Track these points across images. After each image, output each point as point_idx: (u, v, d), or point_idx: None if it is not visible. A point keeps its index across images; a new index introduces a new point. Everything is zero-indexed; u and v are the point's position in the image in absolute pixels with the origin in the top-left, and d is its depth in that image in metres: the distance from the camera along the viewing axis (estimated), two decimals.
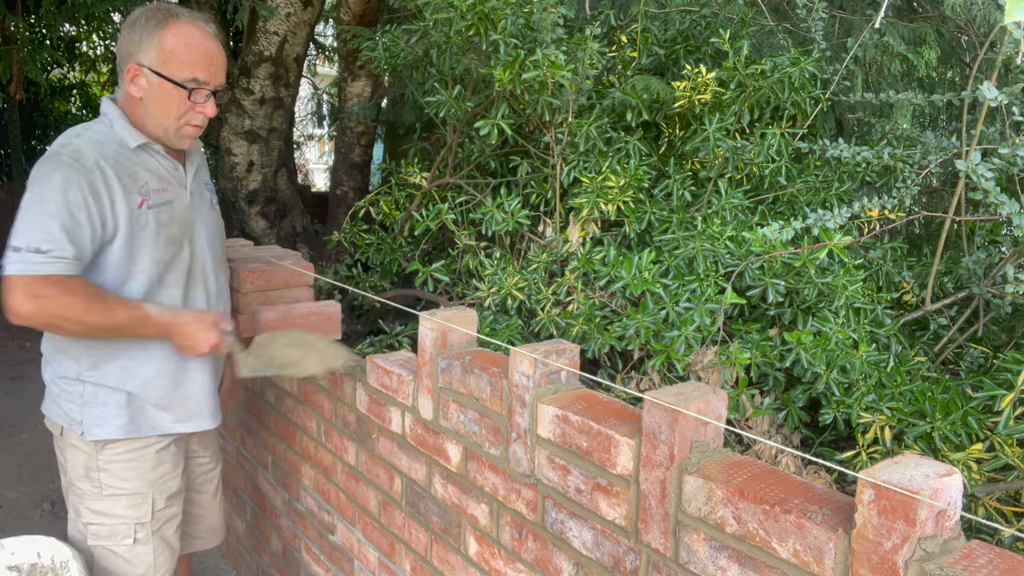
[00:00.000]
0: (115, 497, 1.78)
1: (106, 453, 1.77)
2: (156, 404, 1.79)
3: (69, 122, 9.62)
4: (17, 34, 4.65)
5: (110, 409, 1.74)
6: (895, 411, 1.67)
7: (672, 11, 2.71)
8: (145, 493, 1.81)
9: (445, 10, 2.29)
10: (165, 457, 1.84)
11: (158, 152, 1.74)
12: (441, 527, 1.65)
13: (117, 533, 1.80)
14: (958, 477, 0.90)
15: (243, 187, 4.17)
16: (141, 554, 1.82)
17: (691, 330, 1.83)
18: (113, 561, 1.82)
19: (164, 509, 1.85)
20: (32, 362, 5.13)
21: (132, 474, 1.79)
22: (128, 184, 1.66)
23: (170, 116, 1.69)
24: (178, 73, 1.66)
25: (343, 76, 4.28)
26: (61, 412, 1.77)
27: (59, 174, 1.57)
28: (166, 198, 1.73)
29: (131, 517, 1.80)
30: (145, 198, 1.68)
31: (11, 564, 1.73)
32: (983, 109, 1.77)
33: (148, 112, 1.69)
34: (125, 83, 1.69)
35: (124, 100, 1.72)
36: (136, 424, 1.77)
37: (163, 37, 1.64)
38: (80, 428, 1.74)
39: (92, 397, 1.74)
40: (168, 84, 1.66)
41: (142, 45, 1.65)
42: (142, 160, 1.71)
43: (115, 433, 1.75)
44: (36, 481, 3.46)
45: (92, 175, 1.60)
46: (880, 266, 2.20)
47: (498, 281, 2.22)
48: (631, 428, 1.21)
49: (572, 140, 2.31)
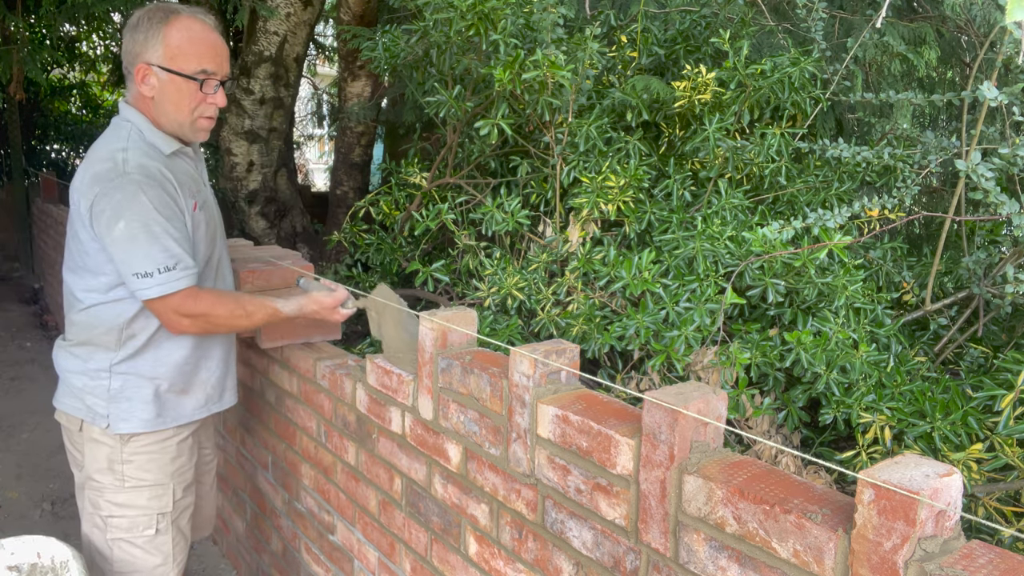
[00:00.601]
0: (137, 489, 1.82)
1: (131, 445, 1.80)
2: (180, 391, 1.84)
3: (69, 122, 9.61)
4: (17, 34, 4.65)
5: (135, 404, 1.78)
6: (895, 411, 1.67)
7: (672, 11, 2.71)
8: (166, 484, 1.85)
9: (445, 10, 2.29)
10: (183, 449, 1.89)
11: (186, 155, 1.81)
12: (441, 527, 1.65)
13: (138, 524, 1.84)
14: (958, 477, 0.90)
15: (243, 187, 4.17)
16: (161, 544, 1.86)
17: (691, 330, 1.83)
18: (133, 553, 1.85)
19: (182, 499, 1.91)
20: (32, 362, 5.13)
21: (154, 466, 1.83)
22: (183, 189, 1.73)
23: (184, 110, 1.73)
24: (187, 66, 1.70)
25: (343, 76, 4.28)
26: (82, 406, 1.79)
27: (143, 195, 1.62)
28: (203, 198, 1.82)
29: (153, 508, 1.84)
30: (196, 200, 1.77)
31: (11, 564, 1.73)
32: (983, 109, 1.77)
33: (162, 110, 1.73)
34: (136, 84, 1.72)
35: (137, 102, 1.75)
36: (162, 417, 1.82)
37: (167, 34, 1.68)
38: (105, 422, 1.77)
39: (119, 392, 1.77)
40: (179, 79, 1.70)
41: (148, 44, 1.69)
42: (178, 165, 1.76)
43: (139, 427, 1.79)
44: (36, 481, 3.46)
45: (166, 186, 1.67)
46: (880, 266, 2.20)
47: (498, 281, 2.22)
48: (631, 428, 1.21)
49: (572, 140, 2.31)
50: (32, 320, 6.26)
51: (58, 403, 1.85)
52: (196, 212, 1.76)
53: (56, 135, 9.50)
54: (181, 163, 1.79)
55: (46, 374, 4.85)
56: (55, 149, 9.64)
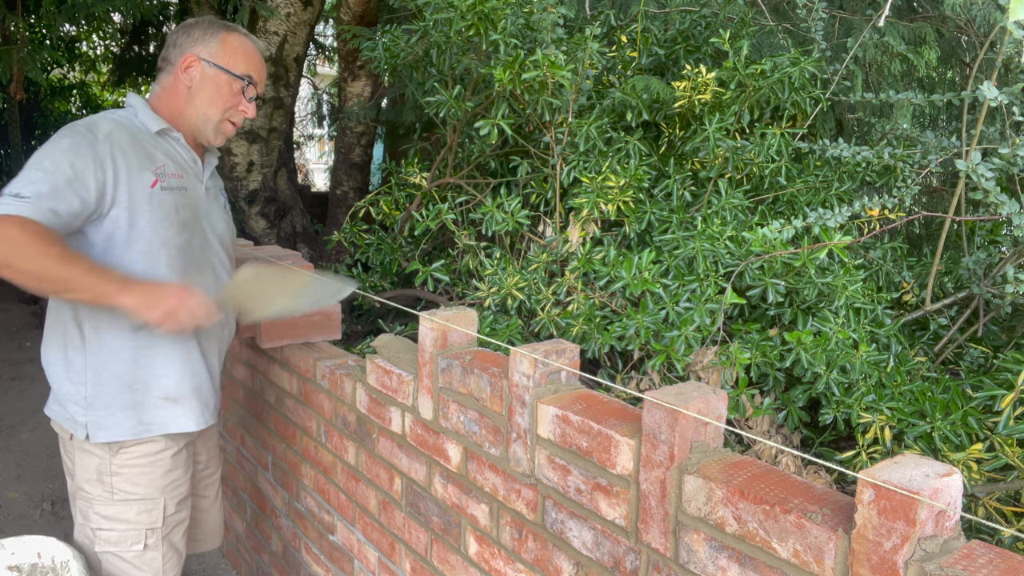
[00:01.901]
0: (127, 503, 1.76)
1: (120, 457, 1.74)
2: (168, 397, 1.75)
3: (69, 122, 9.62)
4: (17, 34, 4.65)
5: (115, 412, 1.70)
6: (895, 411, 1.67)
7: (672, 11, 2.71)
8: (156, 499, 1.79)
9: (445, 10, 2.30)
10: (178, 462, 1.82)
11: (178, 140, 1.79)
12: (441, 527, 1.65)
13: (127, 539, 1.78)
14: (958, 477, 0.90)
15: (243, 187, 4.17)
16: (150, 560, 1.81)
17: (691, 330, 1.83)
18: (121, 567, 1.80)
19: (174, 514, 1.84)
20: (32, 362, 5.13)
21: (145, 479, 1.77)
22: (142, 162, 1.68)
23: (217, 107, 1.77)
24: (235, 67, 1.78)
25: (343, 76, 4.28)
26: (67, 415, 1.73)
27: (67, 140, 1.62)
28: (181, 184, 1.76)
29: (142, 523, 1.78)
30: (160, 179, 1.71)
31: (11, 564, 1.73)
32: (983, 109, 1.77)
33: (194, 101, 1.76)
34: (175, 73, 1.76)
35: (161, 92, 1.79)
36: (145, 425, 1.74)
37: (225, 38, 1.79)
38: (84, 431, 1.70)
39: (94, 397, 1.69)
40: (224, 75, 1.76)
41: (203, 40, 1.76)
42: (160, 145, 1.75)
43: (120, 435, 1.71)
44: (36, 481, 3.46)
45: (98, 146, 1.63)
46: (880, 266, 2.20)
47: (498, 281, 2.22)
48: (631, 428, 1.21)
49: (572, 140, 2.31)
50: (32, 320, 6.25)
51: (49, 411, 1.79)
52: (155, 190, 1.67)
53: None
54: (167, 144, 1.76)
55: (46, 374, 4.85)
56: None
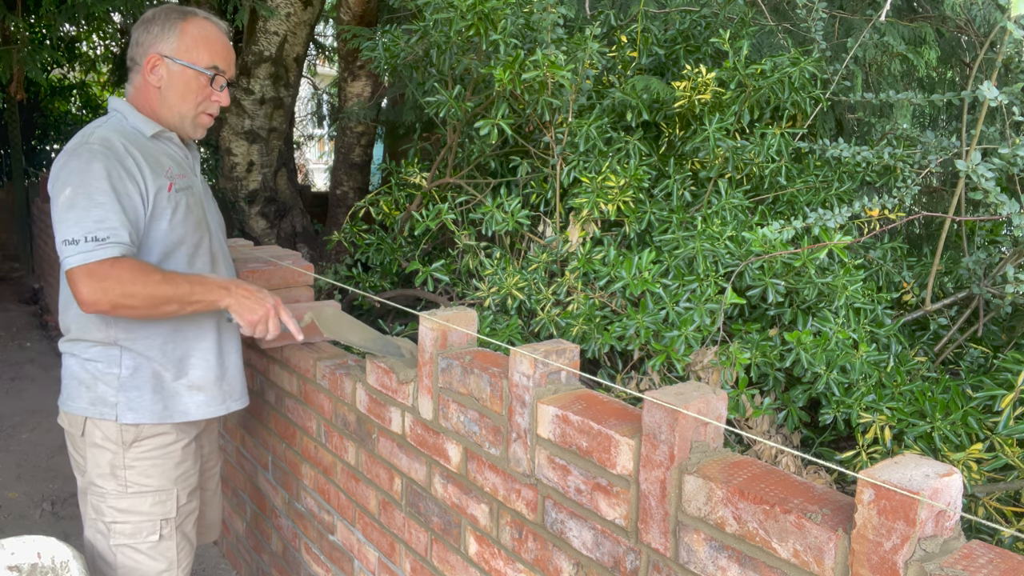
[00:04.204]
0: (141, 495, 1.80)
1: (133, 451, 1.78)
2: (193, 385, 1.81)
3: (69, 122, 9.61)
4: (17, 34, 4.65)
5: (144, 394, 1.75)
6: (895, 411, 1.67)
7: (672, 11, 2.71)
8: (170, 490, 1.83)
9: (445, 10, 2.30)
10: (188, 453, 1.87)
11: (172, 140, 1.81)
12: (441, 527, 1.65)
13: (142, 530, 1.82)
14: (958, 477, 0.90)
15: (243, 187, 4.17)
16: (165, 550, 1.85)
17: (691, 330, 1.83)
18: (137, 559, 1.83)
19: (186, 504, 1.89)
20: (32, 362, 5.13)
21: (157, 471, 1.81)
22: (155, 168, 1.71)
23: (189, 103, 1.77)
24: (200, 60, 1.75)
25: (343, 76, 4.28)
26: (87, 401, 1.75)
27: (97, 163, 1.61)
28: (186, 183, 1.80)
29: (156, 514, 1.82)
30: (172, 181, 1.74)
31: (11, 564, 1.73)
32: (983, 109, 1.77)
33: (166, 101, 1.76)
34: (143, 74, 1.75)
35: (136, 93, 1.78)
36: (169, 411, 1.79)
37: (184, 29, 1.74)
38: (113, 412, 1.74)
39: (128, 378, 1.74)
40: (190, 71, 1.74)
41: (163, 37, 1.73)
42: (159, 148, 1.77)
43: (147, 418, 1.75)
44: (36, 481, 3.46)
45: (126, 160, 1.65)
46: (880, 266, 2.20)
47: (498, 281, 2.22)
48: (631, 428, 1.21)
49: (572, 140, 2.31)
50: (32, 320, 6.26)
51: (63, 404, 1.81)
52: (172, 193, 1.72)
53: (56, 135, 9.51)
54: (164, 146, 1.78)
55: (46, 374, 4.86)
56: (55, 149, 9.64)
